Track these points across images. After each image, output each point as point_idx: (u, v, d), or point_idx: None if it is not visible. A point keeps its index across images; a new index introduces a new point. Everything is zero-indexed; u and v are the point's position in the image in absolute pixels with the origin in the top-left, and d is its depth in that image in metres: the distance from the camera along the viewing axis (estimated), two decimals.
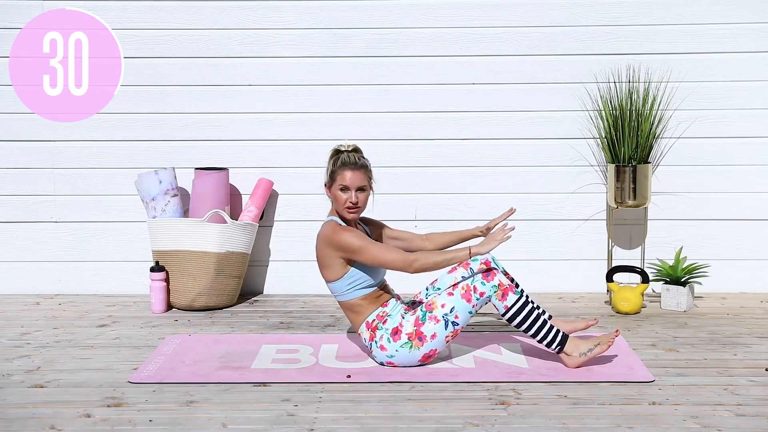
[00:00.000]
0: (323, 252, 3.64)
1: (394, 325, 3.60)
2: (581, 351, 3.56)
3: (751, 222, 4.91)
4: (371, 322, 3.63)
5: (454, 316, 3.56)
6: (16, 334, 4.24)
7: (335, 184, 3.63)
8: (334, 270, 3.63)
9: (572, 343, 3.58)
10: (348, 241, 3.55)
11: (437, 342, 3.58)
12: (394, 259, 3.55)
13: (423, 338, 3.56)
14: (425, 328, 3.57)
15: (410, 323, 3.59)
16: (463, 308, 3.56)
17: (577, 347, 3.57)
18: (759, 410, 3.17)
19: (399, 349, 3.58)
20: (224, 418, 3.14)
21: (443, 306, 3.57)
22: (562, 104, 4.87)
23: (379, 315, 3.63)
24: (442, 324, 3.56)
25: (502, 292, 3.52)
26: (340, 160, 3.64)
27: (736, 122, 4.84)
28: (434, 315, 3.57)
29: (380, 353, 3.61)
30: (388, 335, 3.59)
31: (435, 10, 4.85)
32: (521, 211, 4.94)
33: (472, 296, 3.54)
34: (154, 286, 4.62)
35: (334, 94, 4.91)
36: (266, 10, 4.87)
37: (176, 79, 4.92)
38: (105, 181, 4.98)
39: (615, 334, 3.60)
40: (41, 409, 3.23)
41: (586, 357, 3.56)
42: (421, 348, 3.57)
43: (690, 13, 4.80)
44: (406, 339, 3.57)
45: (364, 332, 3.66)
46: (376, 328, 3.61)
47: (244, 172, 4.94)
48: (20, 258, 5.03)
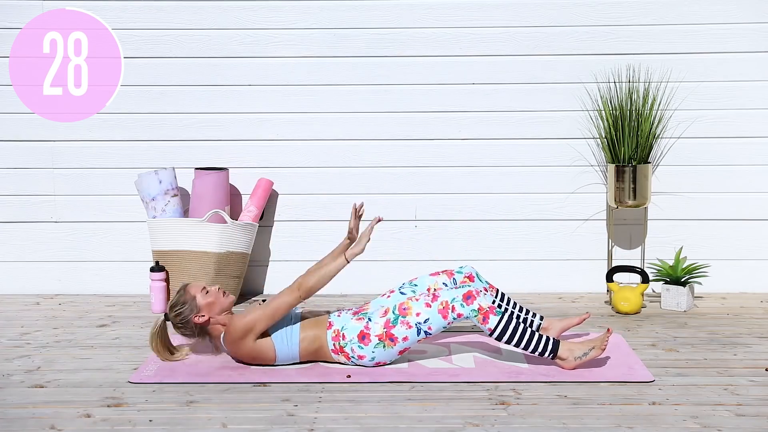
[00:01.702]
0: (242, 351, 3.60)
1: (356, 332, 3.58)
2: (576, 355, 3.55)
3: (751, 222, 4.91)
4: (335, 347, 3.61)
5: (427, 327, 3.56)
6: (16, 334, 4.24)
7: (201, 311, 3.63)
8: (265, 353, 3.60)
9: (565, 348, 3.56)
10: (242, 325, 3.54)
11: (409, 343, 3.59)
12: (282, 300, 3.54)
13: (395, 339, 3.57)
14: (396, 331, 3.56)
15: (379, 325, 3.58)
16: (437, 322, 3.56)
17: (571, 352, 3.56)
18: (759, 410, 3.17)
19: (375, 350, 3.58)
20: (224, 418, 3.14)
21: (418, 315, 3.56)
22: (562, 104, 4.87)
23: (333, 337, 3.61)
24: (414, 330, 3.56)
25: (483, 316, 3.51)
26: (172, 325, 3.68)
27: (736, 122, 4.84)
28: (407, 320, 3.56)
29: (363, 361, 3.61)
30: (357, 344, 3.58)
31: (435, 10, 4.85)
32: (521, 211, 4.95)
33: (449, 314, 3.54)
34: (154, 286, 4.62)
35: (334, 94, 4.91)
36: (266, 10, 4.87)
37: (176, 79, 4.92)
38: (105, 181, 4.98)
39: (607, 334, 3.58)
40: (41, 409, 3.23)
41: (581, 360, 3.55)
42: (394, 347, 3.58)
43: (690, 13, 4.80)
44: (377, 340, 3.57)
45: (338, 357, 3.64)
46: (342, 348, 3.60)
47: (244, 172, 4.94)
48: (20, 258, 5.03)
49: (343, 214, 4.89)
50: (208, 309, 3.63)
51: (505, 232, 4.96)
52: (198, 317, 3.62)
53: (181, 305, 3.63)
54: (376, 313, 3.63)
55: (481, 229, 4.94)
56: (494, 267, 4.81)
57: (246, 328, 3.54)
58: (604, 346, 3.55)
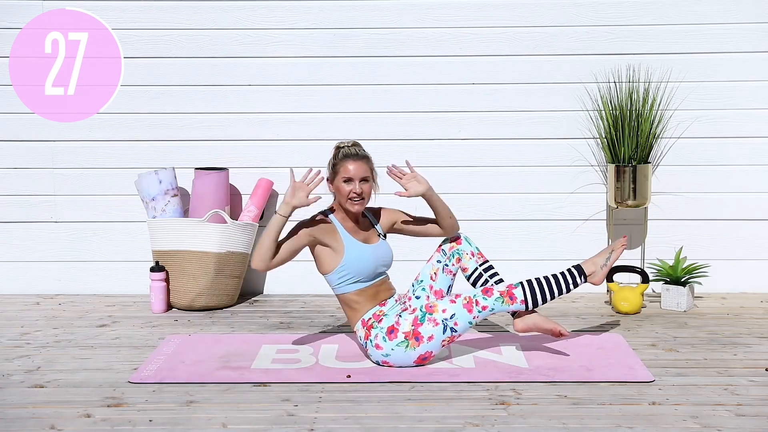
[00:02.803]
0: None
1: (390, 323, 3.60)
2: (600, 264, 3.74)
3: (751, 222, 4.91)
4: (367, 320, 3.63)
5: (454, 322, 3.57)
6: (16, 334, 4.24)
7: (338, 177, 3.64)
8: (321, 263, 3.69)
9: (589, 263, 3.76)
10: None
11: (433, 344, 3.58)
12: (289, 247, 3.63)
13: (420, 338, 3.57)
14: (423, 329, 3.57)
15: (408, 322, 3.59)
16: (463, 317, 3.58)
17: (595, 264, 3.76)
18: (759, 410, 3.17)
19: (395, 348, 3.58)
20: (224, 418, 3.14)
21: (444, 311, 3.58)
22: (562, 104, 4.87)
23: (375, 314, 3.63)
24: (441, 328, 3.57)
25: (509, 296, 3.60)
26: (342, 153, 3.67)
27: (736, 122, 4.85)
28: (434, 318, 3.57)
29: (375, 352, 3.61)
30: (383, 334, 3.59)
31: (435, 10, 4.85)
32: (521, 211, 4.95)
33: (473, 308, 3.58)
34: (154, 286, 4.62)
35: (334, 94, 4.91)
36: (266, 10, 4.87)
37: (176, 79, 4.92)
38: (105, 181, 4.98)
39: (623, 239, 3.79)
40: (41, 409, 3.23)
41: (607, 267, 3.74)
42: (417, 348, 3.57)
43: (690, 13, 4.80)
44: (402, 338, 3.57)
45: (359, 330, 3.66)
46: (372, 327, 3.61)
47: (244, 172, 4.94)
48: (20, 258, 5.03)
49: None
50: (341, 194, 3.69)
51: (505, 232, 4.96)
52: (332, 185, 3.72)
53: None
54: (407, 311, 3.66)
55: (481, 229, 4.94)
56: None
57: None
58: (624, 245, 3.78)
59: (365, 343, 3.64)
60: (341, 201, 3.67)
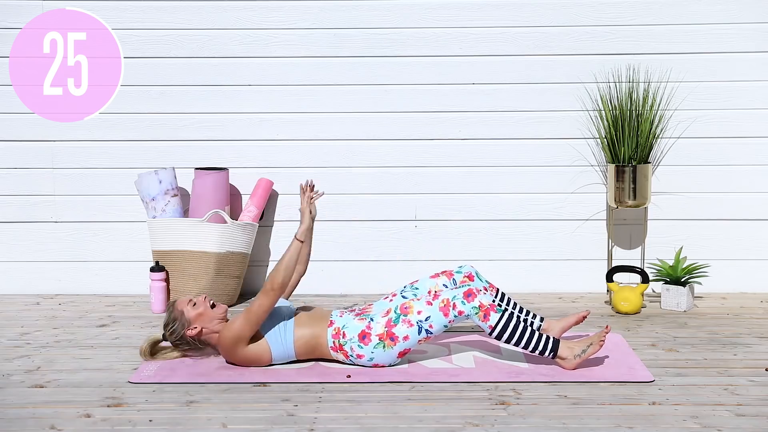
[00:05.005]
0: (237, 357, 3.60)
1: (358, 331, 3.58)
2: (575, 353, 3.55)
3: (751, 222, 4.91)
4: (334, 345, 3.61)
5: (429, 324, 3.56)
6: (16, 334, 4.24)
7: (192, 323, 3.64)
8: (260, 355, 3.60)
9: (565, 347, 3.57)
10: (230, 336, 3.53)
11: (410, 343, 3.58)
12: (260, 303, 3.50)
13: (395, 338, 3.56)
14: (397, 330, 3.56)
15: (381, 324, 3.58)
16: (438, 320, 3.56)
17: (571, 350, 3.56)
18: (759, 410, 3.16)
19: (374, 350, 3.58)
20: (224, 418, 3.14)
21: (419, 312, 3.57)
22: (562, 104, 4.87)
23: (333, 335, 3.61)
24: (416, 329, 3.56)
25: (484, 313, 3.51)
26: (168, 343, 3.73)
27: (736, 122, 4.84)
28: (408, 319, 3.56)
29: (362, 361, 3.61)
30: (356, 343, 3.58)
31: (435, 10, 4.85)
32: (521, 211, 4.95)
33: (450, 312, 3.54)
34: (154, 286, 4.62)
35: (334, 94, 4.91)
36: (266, 10, 4.87)
37: (176, 79, 4.92)
38: (105, 181, 4.98)
39: (605, 330, 3.58)
40: (41, 409, 3.23)
41: (581, 358, 3.55)
42: (394, 347, 3.57)
43: (690, 13, 4.80)
44: (377, 340, 3.57)
45: (337, 356, 3.64)
46: (342, 346, 3.60)
47: (244, 172, 4.94)
48: (20, 258, 5.03)
49: (343, 214, 4.90)
50: (199, 320, 3.64)
51: (505, 232, 4.96)
52: (190, 330, 3.63)
53: (172, 322, 3.66)
54: (378, 313, 3.63)
55: (481, 229, 4.94)
56: (494, 267, 4.81)
57: (234, 338, 3.54)
58: (602, 342, 3.55)
59: (350, 361, 3.63)
60: (210, 323, 3.66)
